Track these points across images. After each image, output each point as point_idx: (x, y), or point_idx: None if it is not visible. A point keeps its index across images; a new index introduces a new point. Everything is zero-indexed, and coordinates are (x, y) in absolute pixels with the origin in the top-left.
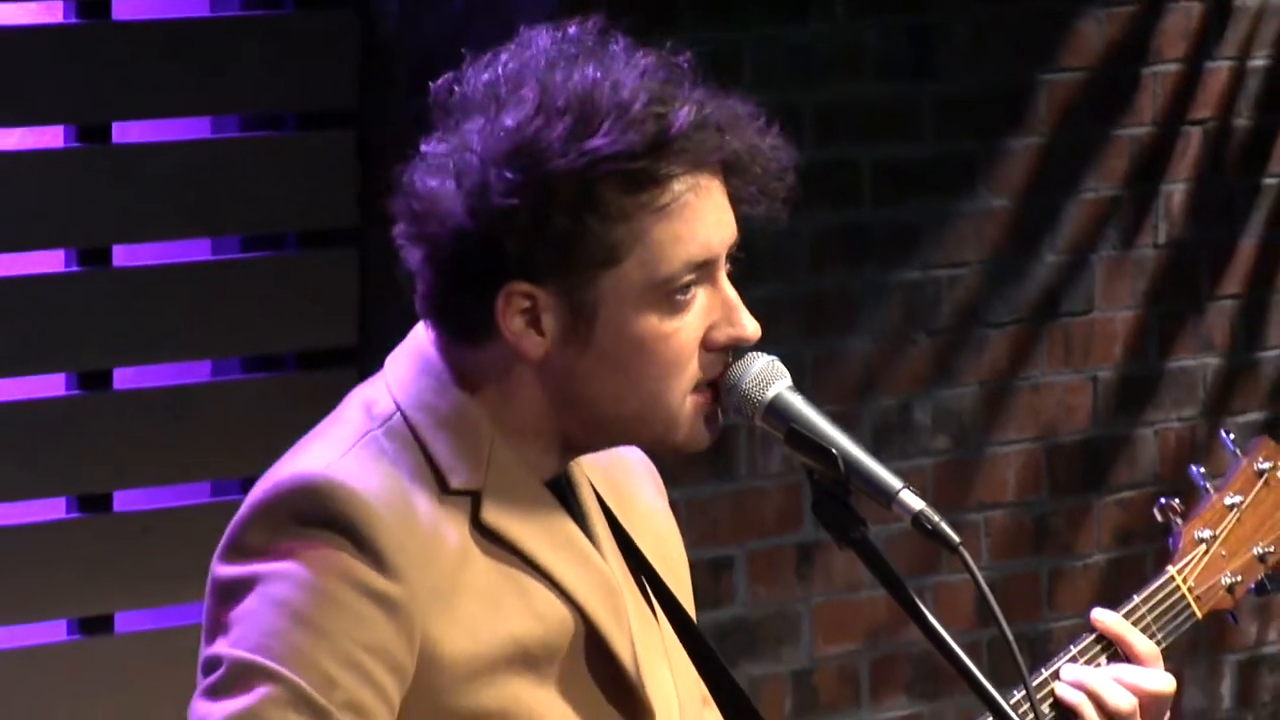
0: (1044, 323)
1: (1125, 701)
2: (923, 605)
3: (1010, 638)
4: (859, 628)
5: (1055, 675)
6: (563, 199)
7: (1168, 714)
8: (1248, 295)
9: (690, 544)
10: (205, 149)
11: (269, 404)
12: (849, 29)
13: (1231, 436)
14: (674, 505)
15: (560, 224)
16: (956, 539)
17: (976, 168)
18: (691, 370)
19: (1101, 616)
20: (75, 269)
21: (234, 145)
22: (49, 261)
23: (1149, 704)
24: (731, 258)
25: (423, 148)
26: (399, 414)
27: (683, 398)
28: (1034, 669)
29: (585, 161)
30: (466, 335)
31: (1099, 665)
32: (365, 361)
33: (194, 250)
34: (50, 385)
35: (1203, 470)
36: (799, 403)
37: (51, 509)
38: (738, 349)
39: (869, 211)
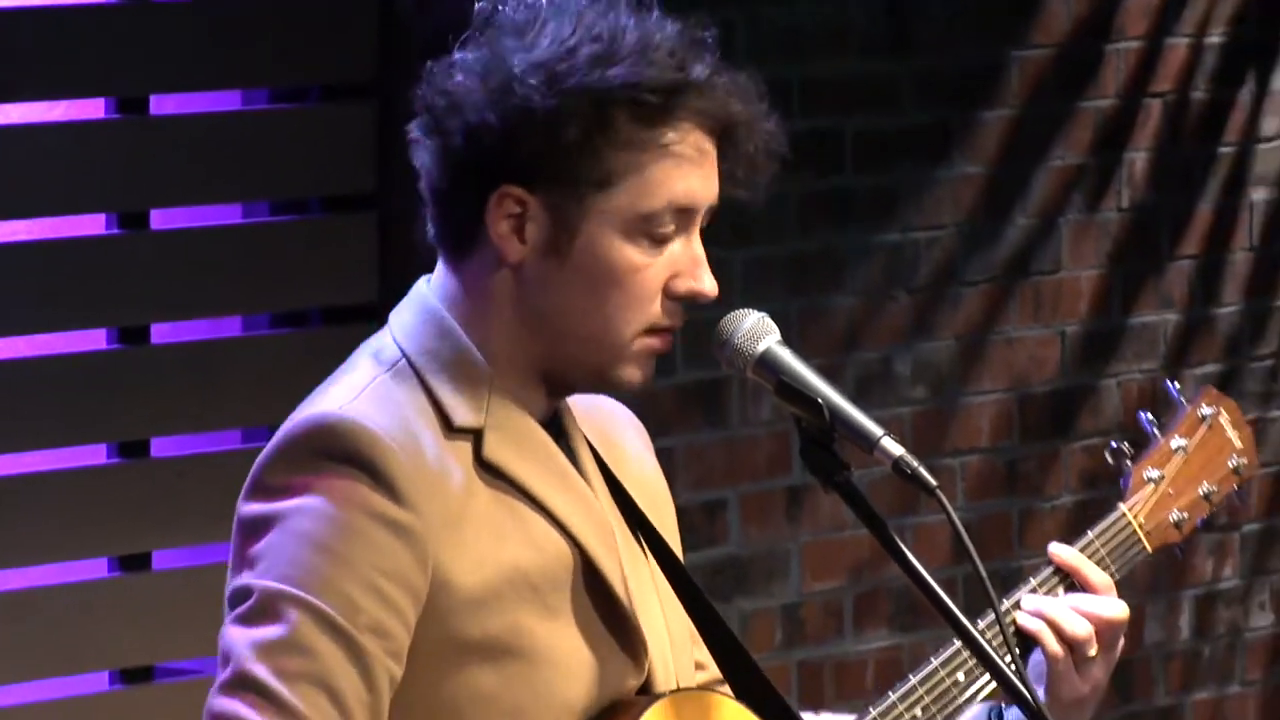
0: (1015, 281)
1: (1082, 628)
2: (902, 544)
3: (983, 574)
4: (843, 565)
5: (1016, 605)
6: (577, 114)
7: (1121, 640)
8: (1204, 256)
9: (686, 487)
10: (235, 120)
11: (295, 357)
12: (833, 8)
13: (1177, 386)
14: (671, 452)
15: (569, 137)
16: (934, 482)
17: (952, 137)
18: (651, 310)
19: (1058, 550)
20: (115, 231)
21: (262, 116)
22: (91, 225)
23: (1104, 630)
24: (706, 224)
25: (455, 54)
26: (404, 359)
27: (635, 334)
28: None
29: (606, 83)
30: (457, 241)
31: (1057, 595)
32: (384, 317)
33: (226, 214)
34: (92, 340)
35: (1150, 417)
36: (787, 356)
37: (93, 455)
38: (695, 302)
39: (851, 178)
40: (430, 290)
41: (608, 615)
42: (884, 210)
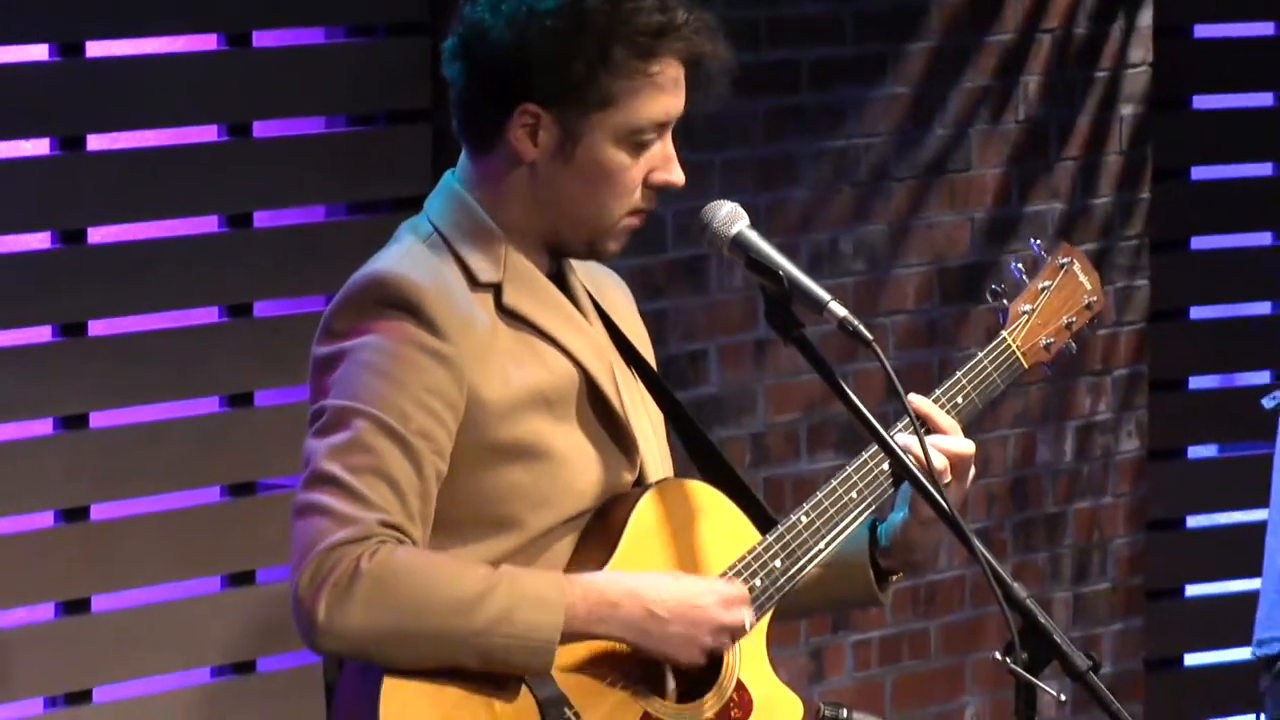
0: (934, 178)
1: (938, 460)
2: (845, 385)
3: (909, 407)
4: (799, 402)
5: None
6: (586, 49)
7: (971, 471)
8: (1084, 158)
9: (675, 340)
10: (321, 51)
11: (366, 237)
12: None
13: (1039, 242)
14: (664, 312)
15: (578, 68)
16: (870, 336)
17: (885, 64)
18: (633, 198)
19: (915, 399)
20: (225, 139)
21: (341, 48)
22: (204, 134)
23: (956, 462)
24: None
25: None
26: (436, 232)
27: (620, 215)
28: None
29: (612, 26)
30: (480, 140)
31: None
32: None
33: (313, 125)
34: (206, 225)
35: (1020, 265)
36: (755, 237)
37: (206, 316)
38: (668, 189)
39: (807, 96)
40: (455, 179)
41: (607, 423)
42: (832, 122)
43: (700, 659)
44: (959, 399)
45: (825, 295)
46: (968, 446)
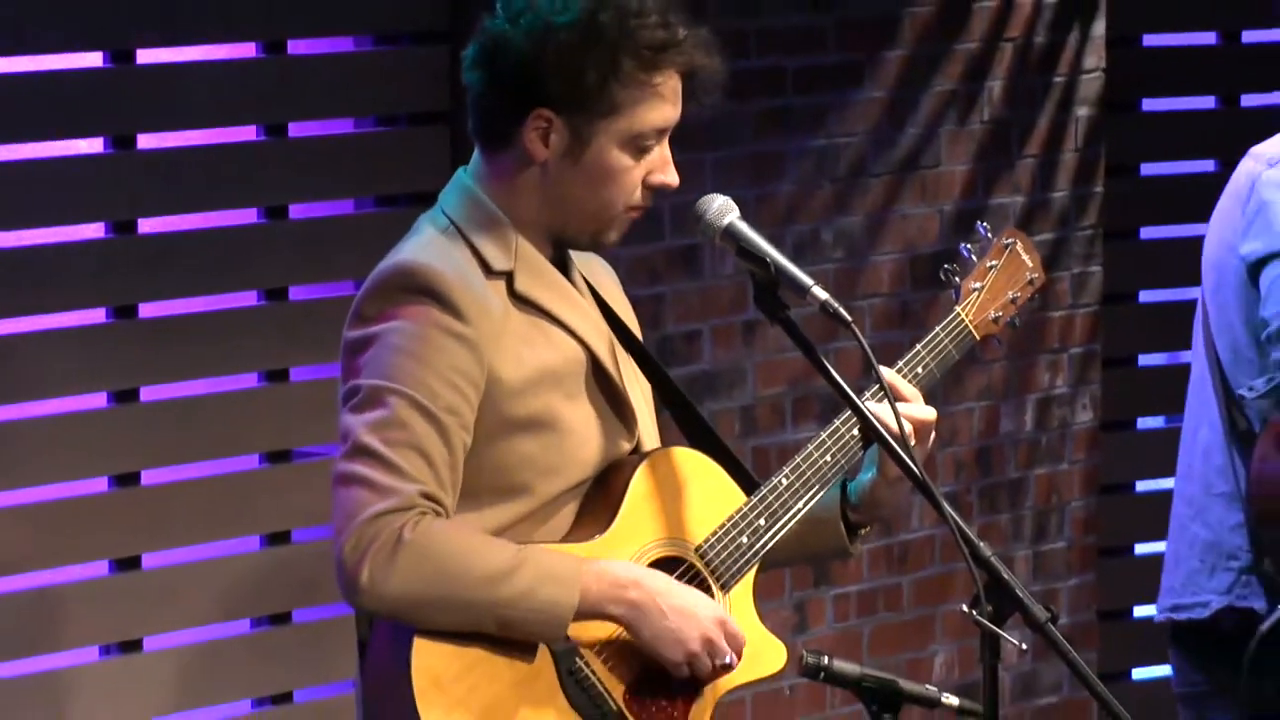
0: (908, 173)
1: (904, 425)
2: (825, 361)
3: (882, 378)
4: (785, 377)
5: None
6: (597, 61)
7: (932, 436)
8: (1042, 155)
9: (671, 321)
10: (351, 58)
11: (389, 229)
12: None
13: (985, 225)
14: (661, 296)
15: (590, 78)
16: (849, 318)
17: (864, 71)
18: (634, 196)
19: (882, 370)
20: (264, 139)
21: (368, 55)
22: (245, 134)
23: (919, 426)
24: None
25: (500, 7)
26: (451, 224)
27: (621, 211)
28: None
29: (621, 40)
30: (495, 140)
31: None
32: None
33: (342, 126)
34: (246, 216)
35: (969, 246)
36: (745, 228)
37: (244, 299)
38: (665, 190)
39: (792, 99)
40: (468, 176)
41: (609, 397)
42: (814, 123)
43: (681, 662)
44: (919, 369)
45: (808, 280)
46: (929, 413)
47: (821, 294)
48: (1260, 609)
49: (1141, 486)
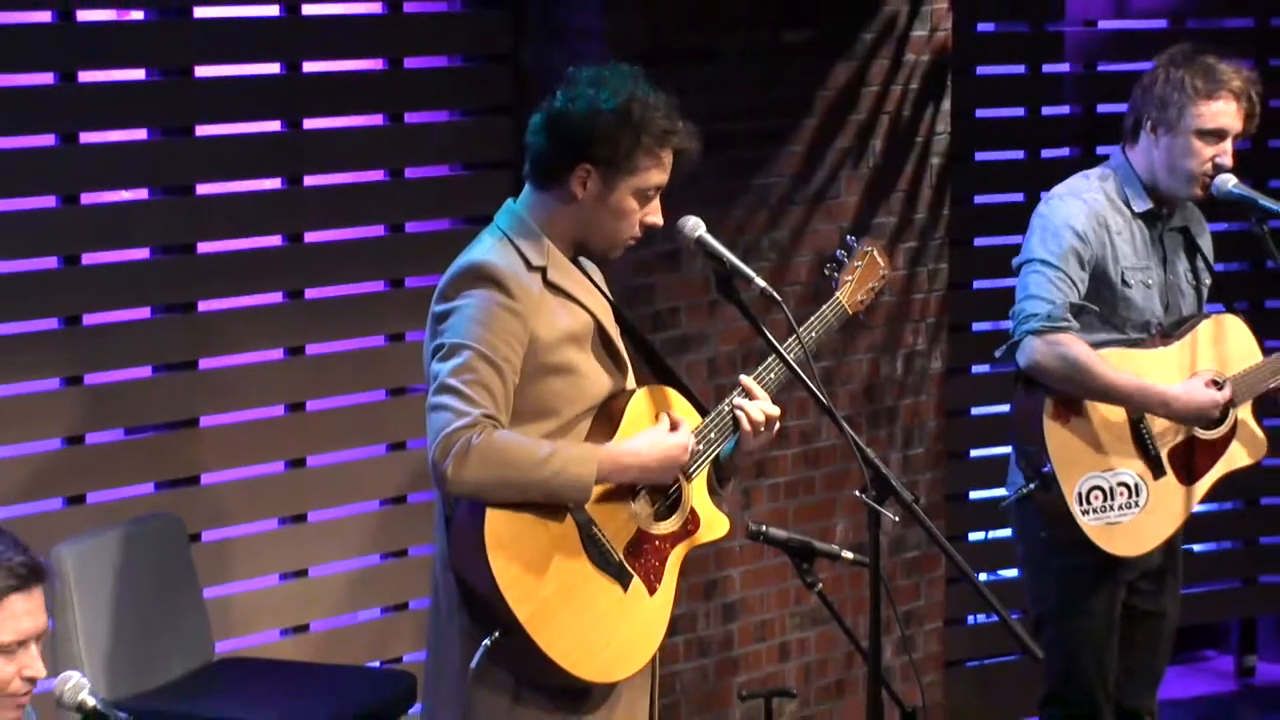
0: (818, 203)
1: (758, 415)
2: (763, 327)
3: (793, 323)
4: (737, 339)
5: (730, 403)
6: (627, 136)
7: (777, 426)
8: (908, 190)
9: (660, 300)
10: (450, 125)
11: (467, 239)
12: (716, 89)
13: (853, 238)
14: (653, 284)
15: (622, 147)
16: (779, 298)
17: (790, 133)
18: (635, 230)
19: (744, 378)
20: (388, 179)
21: (461, 123)
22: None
23: (769, 419)
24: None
25: (559, 91)
26: (505, 236)
27: (626, 239)
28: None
29: (643, 124)
30: (546, 182)
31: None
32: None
33: (441, 170)
34: (377, 230)
35: (842, 251)
36: (710, 238)
37: (377, 286)
38: (654, 229)
39: (743, 152)
40: (516, 204)
41: (610, 352)
42: (757, 169)
43: (673, 479)
44: (814, 334)
45: (752, 273)
46: (774, 410)
47: (761, 283)
48: (1030, 487)
49: (975, 412)
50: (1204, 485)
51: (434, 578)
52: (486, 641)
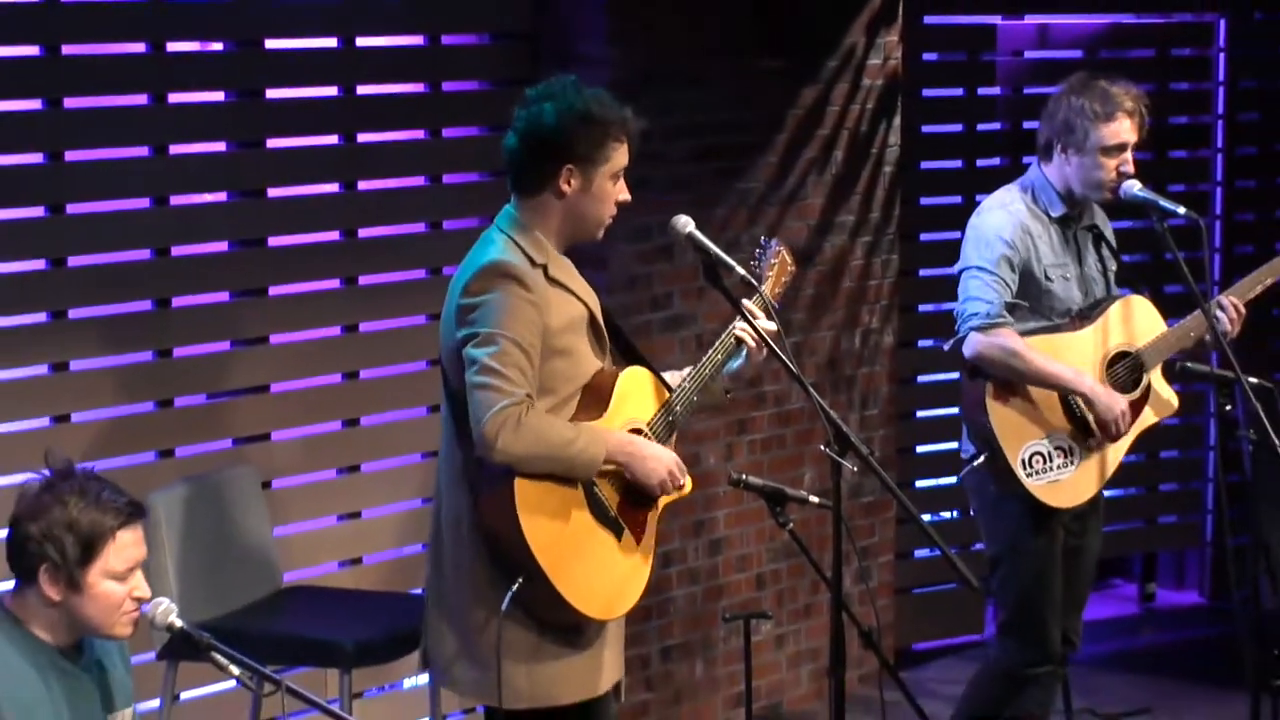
0: (790, 204)
1: (764, 329)
2: (742, 309)
3: (768, 300)
4: (720, 318)
5: (734, 328)
6: (598, 133)
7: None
8: (865, 193)
9: (657, 286)
10: (482, 139)
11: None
12: (703, 103)
13: (767, 239)
14: (651, 273)
15: (593, 144)
16: (760, 286)
17: (766, 145)
18: (613, 208)
19: (745, 302)
20: (428, 184)
21: (487, 139)
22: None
23: (772, 336)
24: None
25: (530, 102)
26: (509, 238)
27: (608, 218)
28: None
29: (608, 122)
30: (533, 189)
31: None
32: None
33: (470, 178)
34: (418, 228)
35: (759, 250)
36: (699, 234)
37: (419, 274)
38: (625, 205)
39: (725, 163)
40: (512, 209)
41: (597, 336)
42: (739, 175)
43: (656, 485)
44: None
45: (734, 263)
46: (772, 325)
47: (741, 271)
48: (981, 459)
49: (921, 379)
50: (1125, 442)
51: (439, 531)
52: (514, 587)
